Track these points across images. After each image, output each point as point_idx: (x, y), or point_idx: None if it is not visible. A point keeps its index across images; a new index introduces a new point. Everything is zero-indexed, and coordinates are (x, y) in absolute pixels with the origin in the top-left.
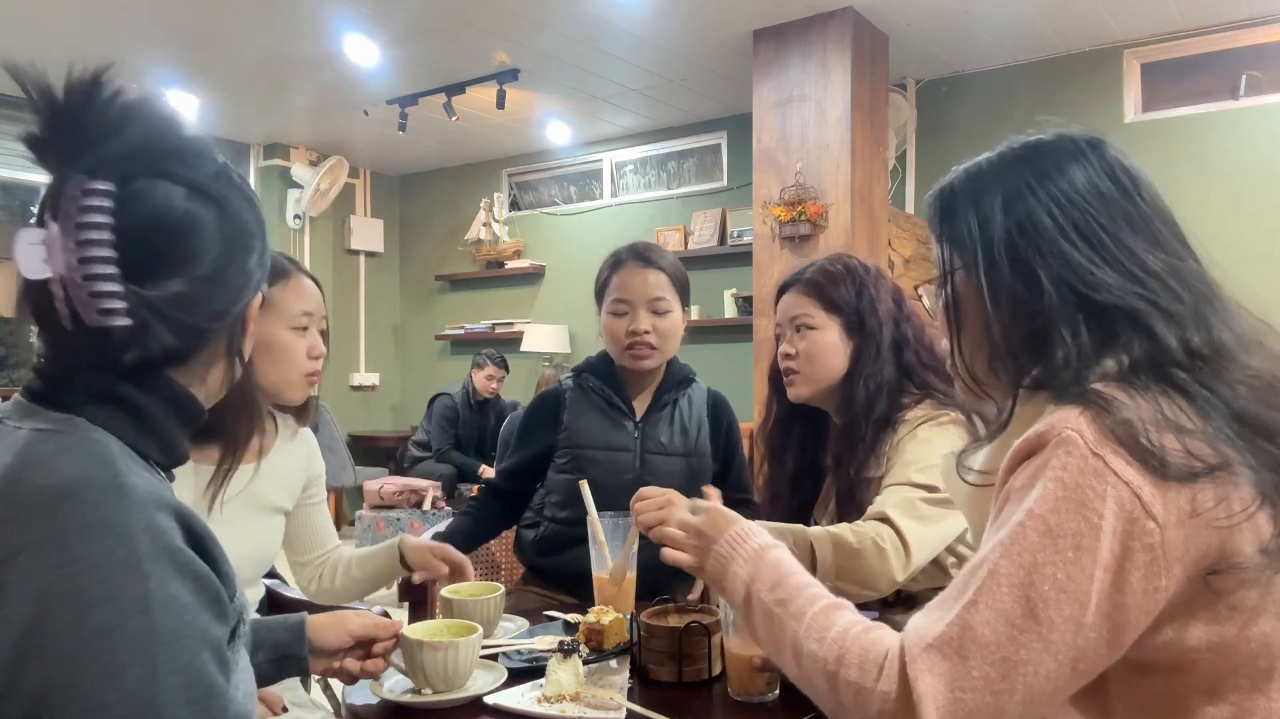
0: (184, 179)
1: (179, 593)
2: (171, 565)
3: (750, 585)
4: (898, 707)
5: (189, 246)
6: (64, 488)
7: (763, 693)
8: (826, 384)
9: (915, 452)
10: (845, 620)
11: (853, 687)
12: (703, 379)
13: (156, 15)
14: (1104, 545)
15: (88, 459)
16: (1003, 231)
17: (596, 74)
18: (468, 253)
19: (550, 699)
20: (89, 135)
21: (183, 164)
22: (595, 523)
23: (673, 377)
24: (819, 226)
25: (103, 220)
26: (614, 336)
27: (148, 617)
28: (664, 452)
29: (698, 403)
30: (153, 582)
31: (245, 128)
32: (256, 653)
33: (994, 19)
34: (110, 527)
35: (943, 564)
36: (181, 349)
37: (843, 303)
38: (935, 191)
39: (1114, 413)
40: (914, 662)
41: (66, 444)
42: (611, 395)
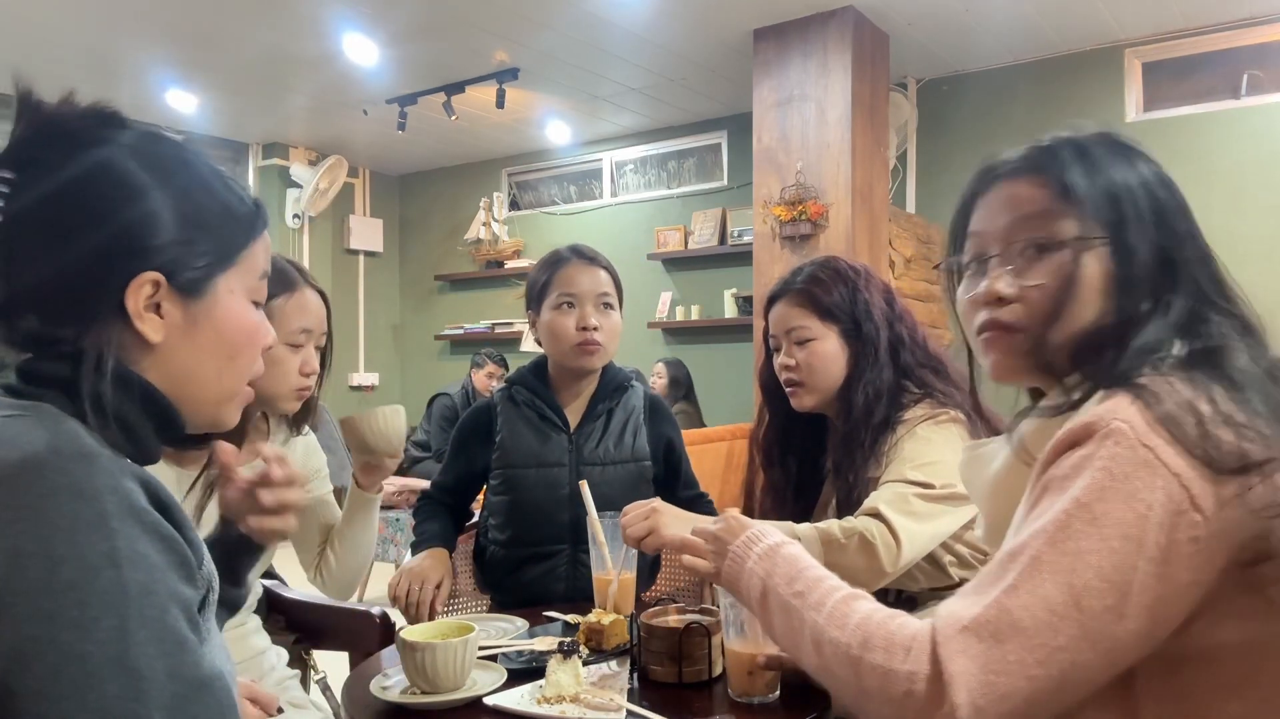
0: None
1: (146, 551)
2: (138, 525)
3: (766, 581)
4: (925, 688)
5: (45, 219)
6: (30, 458)
7: (763, 693)
8: (829, 392)
9: (913, 449)
10: (867, 607)
11: (878, 670)
12: (703, 379)
13: (156, 15)
14: (1150, 537)
15: (54, 434)
16: (1153, 217)
17: (596, 73)
18: (467, 253)
19: (550, 700)
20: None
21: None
22: (595, 523)
23: (608, 383)
24: (819, 226)
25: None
26: (562, 334)
27: (117, 571)
28: (599, 462)
29: (634, 407)
30: (120, 539)
31: (244, 127)
32: None
33: (995, 18)
34: (77, 488)
35: (940, 563)
36: (55, 328)
37: (837, 309)
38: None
39: (1164, 403)
40: (947, 642)
41: (33, 423)
42: (543, 407)
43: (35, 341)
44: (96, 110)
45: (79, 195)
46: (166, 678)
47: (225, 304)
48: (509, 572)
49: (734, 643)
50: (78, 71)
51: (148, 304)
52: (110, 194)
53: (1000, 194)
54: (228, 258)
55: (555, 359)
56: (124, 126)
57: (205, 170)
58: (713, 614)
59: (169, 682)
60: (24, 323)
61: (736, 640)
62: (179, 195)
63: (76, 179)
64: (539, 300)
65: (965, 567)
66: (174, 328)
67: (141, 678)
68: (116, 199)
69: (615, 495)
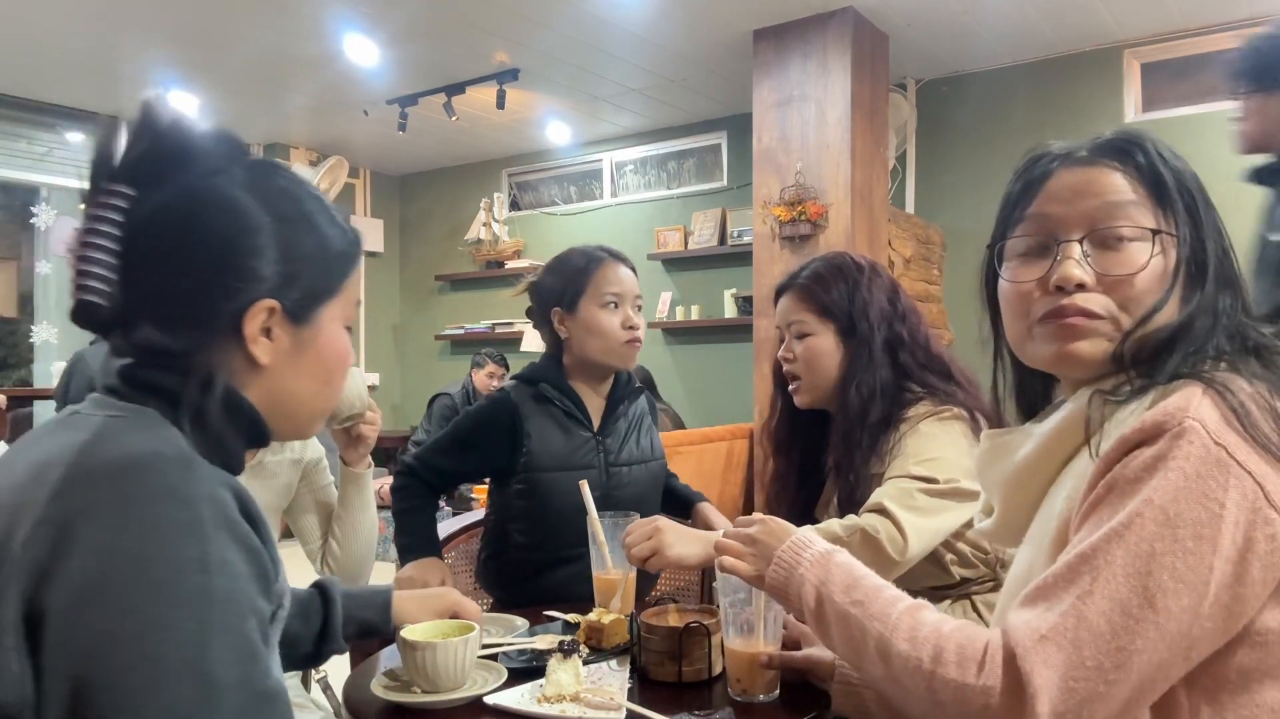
0: (187, 181)
1: (234, 560)
2: (229, 534)
3: (821, 589)
4: (1005, 701)
5: (171, 241)
6: (134, 458)
7: (763, 693)
8: (825, 390)
9: (916, 445)
10: (933, 618)
11: (951, 684)
12: (703, 379)
13: (156, 15)
14: (1225, 536)
15: (157, 438)
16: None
17: (596, 74)
18: (467, 253)
19: (550, 699)
20: (126, 149)
21: (191, 168)
22: (595, 523)
23: (623, 386)
24: (819, 226)
25: (110, 215)
26: (609, 331)
27: (205, 577)
28: (627, 462)
29: (641, 408)
30: (211, 545)
31: (245, 127)
32: (346, 625)
33: (994, 19)
34: (175, 492)
35: (942, 561)
36: (171, 342)
37: (835, 307)
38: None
39: (1236, 396)
40: (1027, 654)
41: (138, 425)
42: (571, 407)
43: (149, 351)
44: (219, 134)
45: (205, 220)
46: (237, 686)
47: (328, 331)
48: (530, 575)
49: (734, 643)
50: (78, 71)
51: (262, 328)
52: (236, 223)
53: (1078, 177)
54: (333, 288)
55: (595, 357)
56: (245, 152)
57: (316, 202)
58: (713, 614)
59: (238, 690)
60: (140, 333)
61: (736, 640)
62: (295, 227)
63: (203, 204)
64: (574, 298)
65: (966, 565)
66: (281, 351)
67: (213, 684)
68: (242, 228)
69: (645, 494)
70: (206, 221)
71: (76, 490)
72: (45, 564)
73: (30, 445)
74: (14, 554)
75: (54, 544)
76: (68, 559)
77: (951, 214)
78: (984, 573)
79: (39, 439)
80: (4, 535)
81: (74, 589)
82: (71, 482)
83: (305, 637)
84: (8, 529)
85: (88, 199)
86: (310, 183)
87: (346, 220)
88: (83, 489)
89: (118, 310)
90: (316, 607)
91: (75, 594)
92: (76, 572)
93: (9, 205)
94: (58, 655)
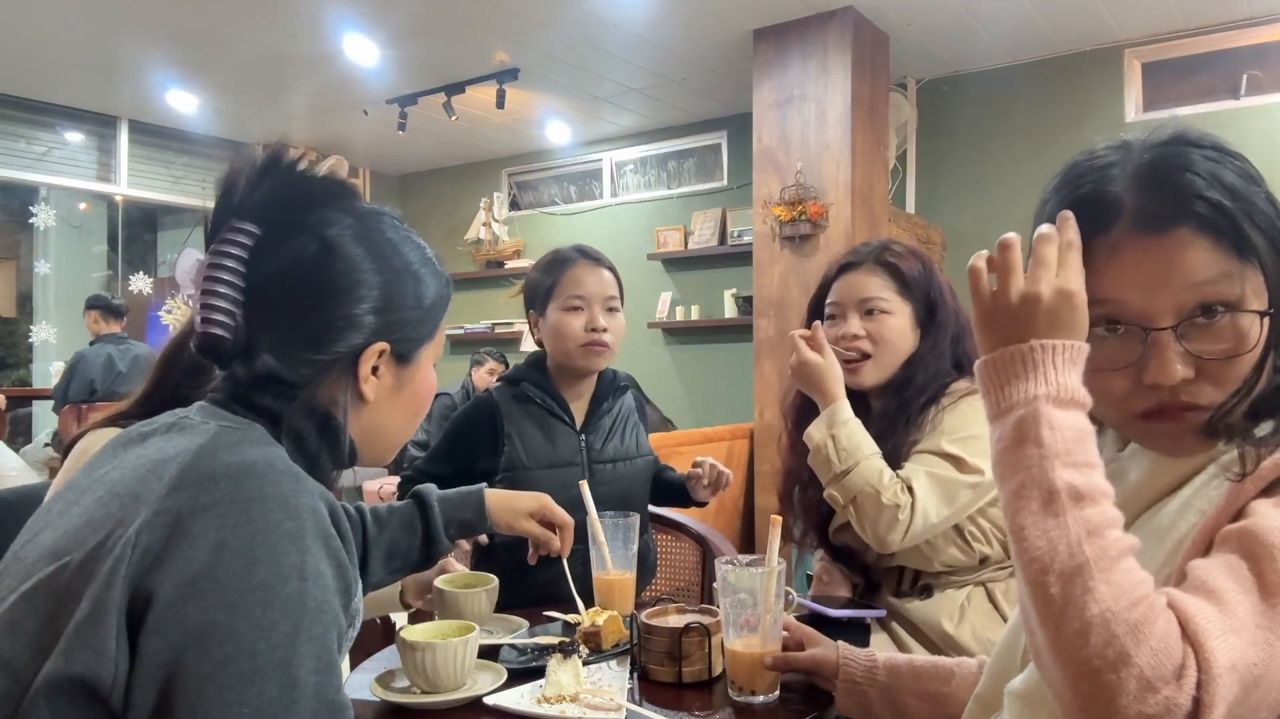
0: (311, 228)
1: (326, 572)
2: (325, 548)
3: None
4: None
5: (298, 285)
6: (250, 465)
7: (763, 693)
8: (893, 369)
9: (952, 422)
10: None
11: (1138, 675)
12: (703, 379)
13: (156, 15)
14: None
15: (268, 450)
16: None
17: (596, 73)
18: (467, 253)
19: (550, 699)
20: (251, 187)
21: (312, 214)
22: (595, 523)
23: (608, 384)
24: (819, 226)
25: (235, 252)
26: (569, 334)
27: (302, 584)
28: (611, 459)
29: (629, 405)
30: (310, 555)
31: (245, 127)
32: (448, 526)
33: (994, 18)
34: (285, 502)
35: (963, 532)
36: (287, 374)
37: (915, 286)
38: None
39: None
40: (1214, 681)
41: (251, 437)
42: (552, 405)
43: (265, 379)
44: (337, 182)
45: (329, 267)
46: (314, 695)
47: (424, 370)
48: (519, 574)
49: (734, 643)
50: (78, 71)
51: (371, 368)
52: (353, 274)
53: (1152, 258)
54: (433, 331)
55: (560, 360)
56: (358, 199)
57: (419, 251)
58: (713, 614)
59: (314, 699)
60: (260, 362)
61: (736, 640)
62: (403, 277)
63: (327, 251)
64: (544, 301)
65: (986, 542)
66: (384, 388)
67: (297, 687)
68: (364, 278)
69: (628, 491)
70: (327, 269)
71: (194, 487)
72: (157, 552)
73: (142, 442)
74: (128, 539)
75: (168, 534)
76: (180, 550)
77: (952, 214)
78: (1002, 555)
79: (151, 437)
80: (116, 522)
81: (183, 579)
82: (189, 479)
83: (414, 545)
84: (121, 516)
85: (211, 233)
86: (411, 230)
87: (442, 264)
88: (200, 487)
89: (240, 343)
90: (417, 517)
91: (184, 584)
92: (187, 563)
93: (8, 205)
94: (158, 640)
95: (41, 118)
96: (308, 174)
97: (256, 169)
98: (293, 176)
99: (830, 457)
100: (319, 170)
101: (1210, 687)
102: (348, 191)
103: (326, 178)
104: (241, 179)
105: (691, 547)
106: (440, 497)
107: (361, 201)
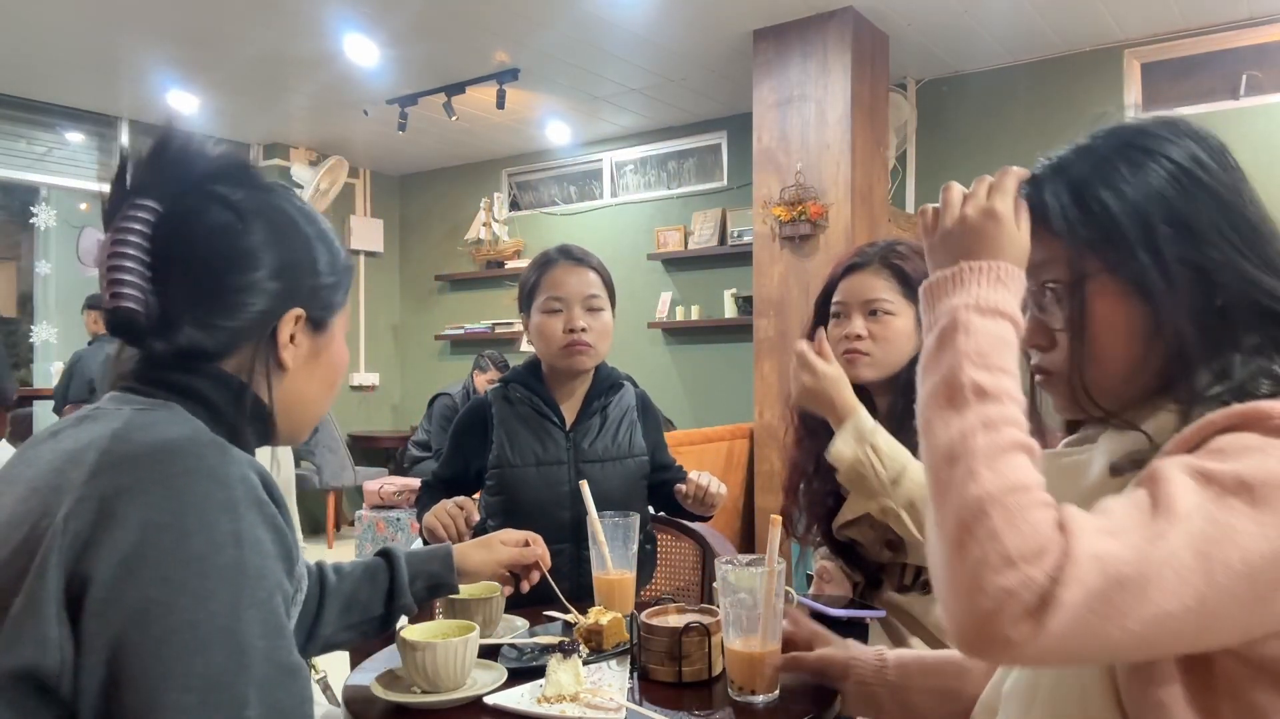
0: (212, 198)
1: (263, 538)
2: (260, 514)
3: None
4: (1030, 597)
5: (204, 254)
6: (172, 443)
7: (763, 693)
8: (894, 369)
9: None
10: (1032, 475)
11: (1004, 554)
12: (703, 379)
13: (156, 15)
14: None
15: (188, 426)
16: (1163, 227)
17: (596, 74)
18: (467, 253)
19: (550, 699)
20: (145, 167)
21: (211, 186)
22: (595, 523)
23: (602, 382)
24: (819, 226)
25: (137, 228)
26: (549, 336)
27: (239, 551)
28: (598, 459)
29: (628, 405)
30: (244, 523)
31: (245, 127)
32: (414, 582)
33: (994, 19)
34: (212, 472)
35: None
36: (207, 344)
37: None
38: (1052, 184)
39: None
40: (1076, 563)
41: (167, 417)
42: (540, 404)
43: (185, 354)
44: (230, 154)
45: (235, 233)
46: (264, 659)
47: (337, 339)
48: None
49: (734, 642)
50: (78, 71)
51: (289, 335)
52: (263, 236)
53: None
54: (344, 299)
55: (546, 360)
56: (255, 172)
57: (319, 223)
58: (713, 614)
59: (265, 663)
60: (182, 335)
61: (736, 640)
62: (314, 240)
63: (233, 218)
64: (529, 303)
65: None
66: (301, 356)
67: (245, 653)
68: (268, 241)
69: (614, 492)
70: (233, 236)
71: (114, 470)
72: (87, 537)
73: (53, 437)
74: (55, 528)
75: (95, 518)
76: (110, 532)
77: None
78: None
79: (62, 431)
80: (40, 514)
81: (117, 559)
82: (109, 463)
83: (375, 598)
84: (44, 509)
85: (109, 211)
86: (309, 205)
87: (340, 241)
88: (120, 469)
89: (154, 317)
90: (382, 568)
91: (118, 564)
92: (119, 543)
93: (9, 205)
94: (99, 621)
95: (42, 118)
96: (202, 149)
97: (151, 149)
98: (188, 152)
99: (874, 468)
100: (320, 169)
101: (1069, 568)
102: (244, 164)
103: (221, 153)
104: (133, 160)
105: (691, 547)
106: (408, 553)
107: (259, 175)
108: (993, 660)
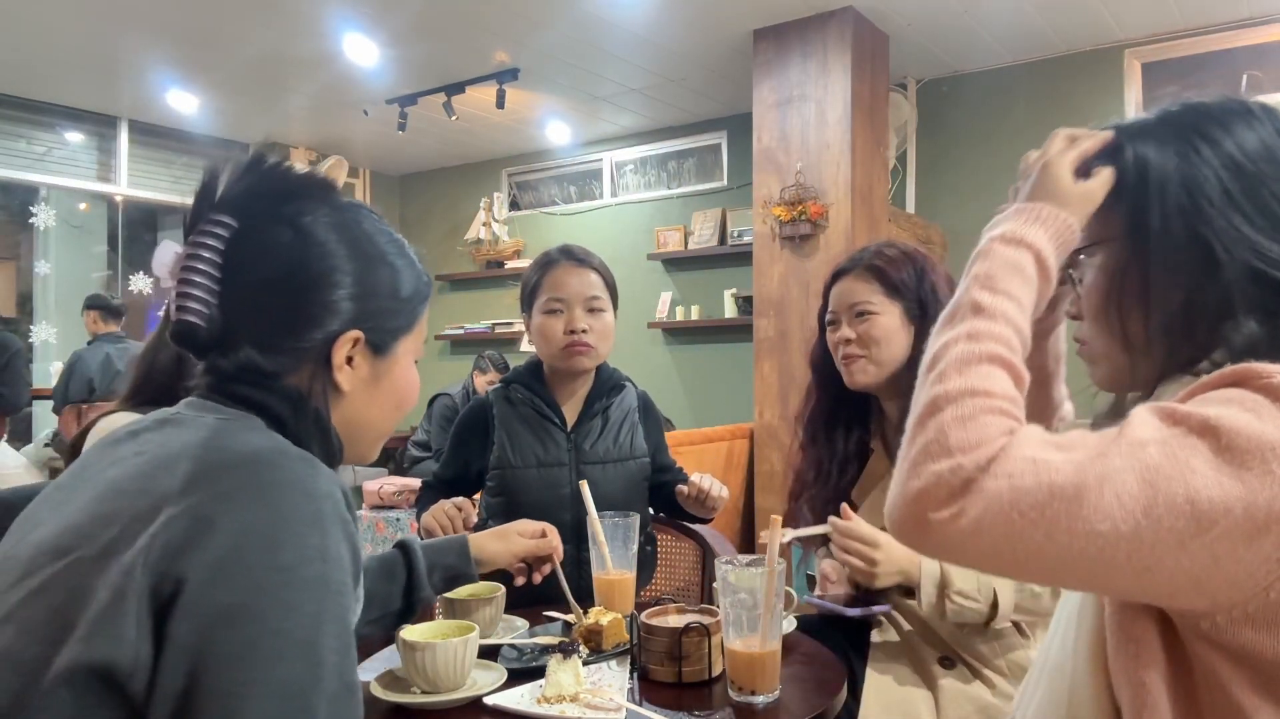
0: (287, 218)
1: (343, 555)
2: (342, 531)
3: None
4: (955, 481)
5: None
6: (263, 453)
7: (763, 693)
8: (891, 369)
9: None
10: (1004, 388)
11: (945, 445)
12: (702, 379)
13: (156, 15)
14: (1263, 496)
15: (273, 439)
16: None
17: (596, 74)
18: (467, 253)
19: (550, 699)
20: (231, 182)
21: (289, 206)
22: (595, 523)
23: (604, 383)
24: (819, 226)
25: (212, 243)
26: (550, 336)
27: (324, 565)
28: (599, 460)
29: (630, 406)
30: (330, 538)
31: (245, 127)
32: (432, 574)
33: (994, 19)
34: (303, 486)
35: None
36: (266, 363)
37: (903, 287)
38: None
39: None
40: (1007, 458)
41: (252, 427)
42: (541, 405)
43: (245, 370)
44: (315, 178)
45: (301, 256)
46: (335, 674)
47: (402, 363)
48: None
49: (734, 643)
50: (78, 71)
51: (345, 357)
52: (326, 261)
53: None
54: (410, 324)
55: (547, 361)
56: (336, 193)
57: (395, 245)
58: (713, 614)
59: (335, 678)
60: (241, 354)
61: (736, 640)
62: (377, 267)
63: (300, 240)
64: (530, 303)
65: None
66: (360, 379)
67: (321, 666)
68: (332, 266)
69: (615, 493)
70: (302, 257)
71: (211, 479)
72: (181, 542)
73: (133, 438)
74: (150, 532)
75: (191, 524)
76: (205, 538)
77: (952, 214)
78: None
79: (142, 433)
80: (130, 518)
81: (211, 563)
82: (204, 471)
83: (394, 592)
84: (134, 511)
85: (190, 226)
86: (390, 226)
87: (421, 259)
88: (217, 478)
89: (216, 333)
90: (399, 562)
91: (212, 568)
92: (215, 548)
93: (8, 205)
94: (188, 623)
95: (41, 118)
96: (288, 170)
97: (238, 166)
98: (273, 172)
99: (969, 609)
100: (320, 169)
101: (1001, 462)
102: (326, 186)
103: (306, 173)
104: (222, 175)
105: (691, 547)
106: (424, 544)
107: (340, 196)
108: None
